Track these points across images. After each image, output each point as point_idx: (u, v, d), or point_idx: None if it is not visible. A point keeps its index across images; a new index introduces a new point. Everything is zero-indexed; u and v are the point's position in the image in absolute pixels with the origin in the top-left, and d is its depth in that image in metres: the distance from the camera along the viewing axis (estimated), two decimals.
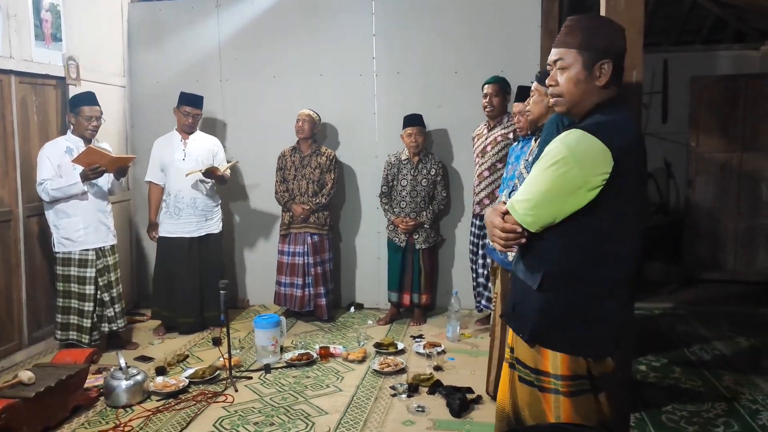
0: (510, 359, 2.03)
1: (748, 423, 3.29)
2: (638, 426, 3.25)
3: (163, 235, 4.85)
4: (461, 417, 3.42)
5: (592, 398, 1.85)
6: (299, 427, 3.33)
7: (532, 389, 1.91)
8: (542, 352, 1.87)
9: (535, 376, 1.89)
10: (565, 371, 1.83)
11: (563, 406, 1.84)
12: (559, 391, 1.84)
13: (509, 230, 1.84)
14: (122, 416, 3.49)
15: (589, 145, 1.72)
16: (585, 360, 1.82)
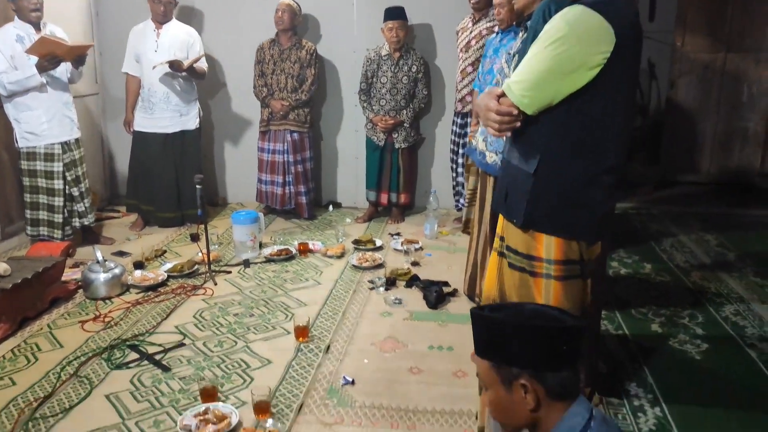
0: (499, 248, 2.04)
1: (713, 315, 3.43)
2: (608, 318, 3.36)
3: (137, 129, 4.71)
4: (437, 308, 3.50)
5: (581, 284, 1.90)
6: (279, 318, 3.39)
7: (523, 275, 1.94)
8: (536, 237, 1.89)
9: (528, 262, 1.92)
10: (559, 255, 1.86)
11: (554, 290, 1.89)
12: (551, 276, 1.88)
13: (504, 113, 1.79)
14: (102, 308, 3.51)
15: (591, 21, 1.65)
16: (578, 244, 1.86)
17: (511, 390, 1.25)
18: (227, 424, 2.40)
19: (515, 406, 1.25)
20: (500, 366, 1.26)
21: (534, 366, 1.23)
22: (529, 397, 1.23)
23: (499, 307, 1.38)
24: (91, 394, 2.68)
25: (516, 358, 1.25)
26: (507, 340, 1.25)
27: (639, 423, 2.47)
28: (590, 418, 1.23)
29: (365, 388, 2.73)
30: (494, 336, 1.27)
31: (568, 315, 1.32)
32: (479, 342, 1.32)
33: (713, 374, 2.84)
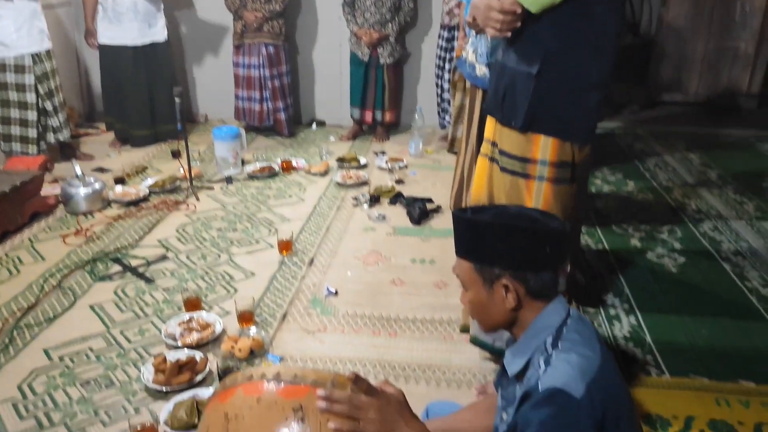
0: (490, 153, 2.05)
1: (691, 231, 3.48)
2: (588, 233, 3.40)
3: (104, 42, 4.51)
4: (420, 224, 3.51)
5: (569, 189, 1.95)
6: (262, 233, 3.39)
7: (514, 178, 1.96)
8: (533, 139, 1.91)
9: (521, 164, 1.94)
10: (554, 157, 1.89)
11: (544, 193, 1.93)
12: (543, 178, 1.92)
13: (508, 11, 1.77)
14: (83, 222, 3.49)
15: None
16: (571, 147, 1.89)
17: (492, 290, 1.26)
18: (211, 332, 2.43)
19: (495, 306, 1.27)
20: (482, 267, 1.26)
21: (516, 266, 1.23)
22: (509, 296, 1.24)
23: (482, 209, 1.36)
24: (75, 304, 2.70)
25: (498, 259, 1.25)
26: (489, 241, 1.25)
27: (614, 330, 2.54)
28: (567, 317, 1.25)
29: (348, 299, 2.77)
30: (477, 237, 1.27)
31: (552, 217, 1.31)
32: (461, 243, 1.31)
33: (688, 285, 2.91)
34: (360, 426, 1.15)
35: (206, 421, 1.25)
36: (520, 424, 1.13)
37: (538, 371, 1.16)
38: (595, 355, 1.18)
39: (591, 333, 1.25)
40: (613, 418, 1.14)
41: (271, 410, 1.16)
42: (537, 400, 1.11)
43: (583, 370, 1.13)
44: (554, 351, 1.18)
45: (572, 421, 1.08)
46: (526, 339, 1.24)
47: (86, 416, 2.05)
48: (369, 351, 2.41)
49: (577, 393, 1.09)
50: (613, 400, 1.15)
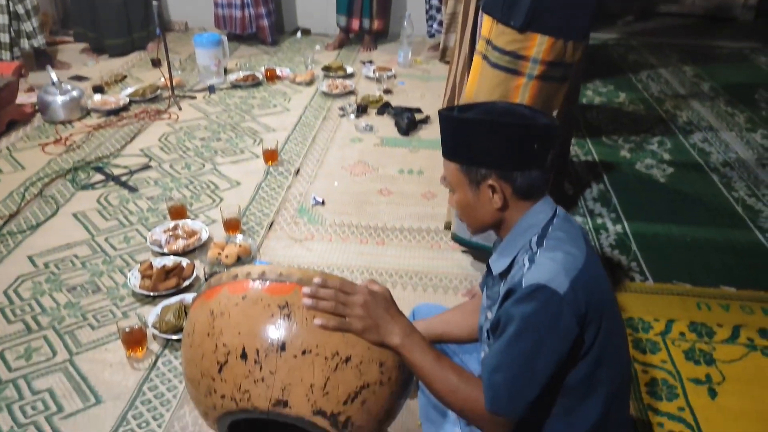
0: (484, 51, 2.02)
1: (681, 142, 3.45)
2: (578, 144, 3.36)
3: None
4: (408, 135, 3.45)
5: (557, 87, 1.95)
6: (247, 143, 3.32)
7: (504, 74, 1.95)
8: (529, 38, 1.89)
9: (514, 61, 1.92)
10: (547, 56, 1.89)
11: (531, 89, 1.93)
12: (533, 75, 1.91)
13: None
14: (62, 131, 3.39)
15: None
16: (565, 45, 1.88)
17: (479, 191, 1.22)
18: (197, 239, 2.41)
19: (482, 207, 1.24)
20: (468, 167, 1.22)
21: (503, 166, 1.20)
22: (496, 197, 1.21)
23: (469, 107, 1.31)
24: (57, 212, 2.66)
25: (485, 158, 1.20)
26: (476, 140, 1.20)
27: (600, 239, 2.56)
28: (554, 216, 1.23)
29: (335, 208, 2.75)
30: (463, 136, 1.22)
31: (541, 113, 1.26)
32: (447, 143, 1.27)
33: (675, 195, 2.91)
34: (346, 322, 1.15)
35: (192, 319, 1.24)
36: (503, 320, 1.13)
37: (522, 269, 1.15)
38: (581, 252, 1.17)
39: (577, 232, 1.23)
40: (596, 313, 1.14)
41: (257, 307, 1.15)
42: (520, 295, 1.10)
43: (568, 267, 1.12)
44: (539, 249, 1.17)
45: (555, 316, 1.08)
46: (512, 238, 1.23)
47: (74, 320, 2.05)
48: (357, 258, 2.42)
49: (560, 288, 1.08)
50: (596, 297, 1.15)
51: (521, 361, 1.09)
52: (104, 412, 1.71)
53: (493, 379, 1.11)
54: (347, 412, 1.16)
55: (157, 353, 1.91)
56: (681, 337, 2.03)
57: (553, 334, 1.08)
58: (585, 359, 1.16)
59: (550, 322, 1.08)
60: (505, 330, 1.11)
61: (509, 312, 1.11)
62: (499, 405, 1.11)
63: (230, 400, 1.16)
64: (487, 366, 1.13)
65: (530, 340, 1.08)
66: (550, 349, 1.09)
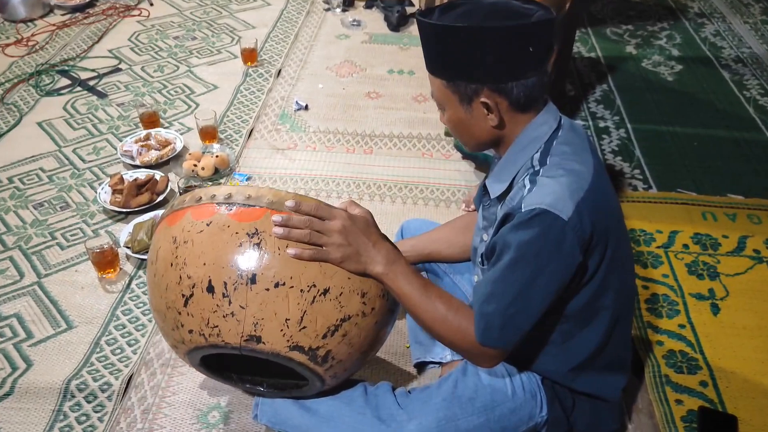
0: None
1: (691, 36, 3.21)
2: (581, 39, 3.13)
3: None
4: (399, 30, 3.21)
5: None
6: (224, 42, 3.08)
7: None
8: None
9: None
10: None
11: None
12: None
13: None
14: (23, 31, 3.12)
15: None
16: None
17: (471, 108, 1.06)
18: (171, 150, 2.25)
19: (477, 124, 1.08)
20: (456, 83, 1.05)
21: (495, 78, 1.03)
22: (491, 114, 1.05)
23: (450, 6, 1.09)
24: (21, 121, 2.47)
25: (473, 71, 1.03)
26: (461, 50, 1.02)
27: (602, 144, 2.40)
28: (558, 127, 1.08)
29: (320, 113, 2.56)
30: (446, 46, 1.03)
31: (535, 4, 1.06)
32: (430, 56, 1.08)
33: (683, 95, 2.72)
34: (323, 251, 1.03)
35: (155, 245, 1.13)
36: (499, 246, 1.01)
37: (522, 190, 1.02)
38: (587, 168, 1.02)
39: (583, 143, 1.09)
40: (601, 237, 1.02)
41: (223, 235, 1.03)
42: (519, 220, 0.97)
43: (573, 188, 0.98)
44: (542, 167, 1.02)
45: (556, 244, 0.96)
46: (511, 155, 1.08)
47: (42, 239, 1.93)
48: (342, 169, 2.26)
49: (564, 213, 0.95)
50: (603, 219, 1.02)
51: (516, 292, 0.98)
52: (76, 338, 1.62)
53: (485, 310, 1.01)
54: (327, 346, 1.08)
55: (131, 274, 1.81)
56: (684, 250, 1.93)
57: (553, 263, 0.97)
58: (587, 285, 1.06)
59: (550, 250, 0.96)
60: (501, 257, 0.99)
61: (506, 238, 0.98)
62: (490, 337, 1.02)
63: (198, 335, 1.07)
64: (479, 295, 1.03)
65: (527, 270, 0.97)
66: (549, 279, 0.98)
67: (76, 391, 1.48)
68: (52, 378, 1.51)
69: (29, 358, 1.57)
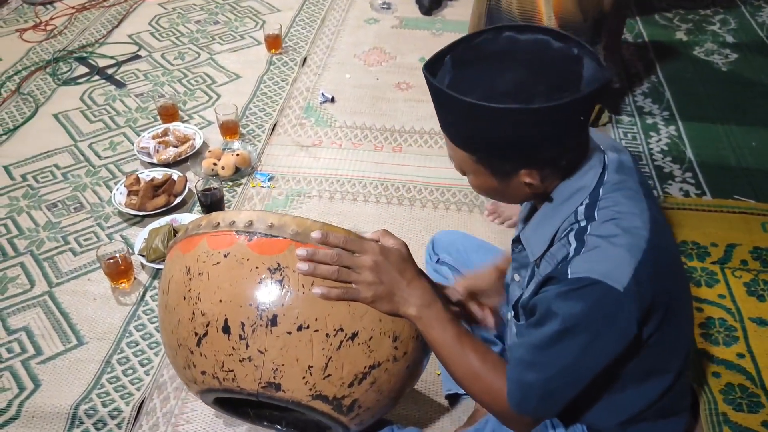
0: None
1: (747, 20, 2.98)
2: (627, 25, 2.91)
3: None
4: (431, 15, 3.03)
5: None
6: (248, 26, 2.94)
7: None
8: None
9: None
10: None
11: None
12: None
13: None
14: (42, 14, 3.02)
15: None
16: None
17: (507, 181, 0.89)
18: (190, 146, 2.14)
19: (513, 191, 0.92)
20: (489, 160, 0.88)
21: (536, 157, 0.86)
22: (529, 187, 0.89)
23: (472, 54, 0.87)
24: (37, 113, 2.38)
25: (509, 153, 0.86)
26: (492, 129, 0.83)
27: (650, 143, 2.22)
28: (603, 170, 0.91)
29: (346, 106, 2.42)
30: (476, 124, 0.84)
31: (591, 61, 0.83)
32: (448, 124, 0.88)
33: (739, 87, 2.52)
34: (352, 290, 0.91)
35: (167, 273, 1.03)
36: (541, 310, 0.87)
37: (566, 248, 0.87)
38: (642, 222, 0.86)
39: (634, 183, 0.91)
40: (661, 300, 0.87)
41: (242, 269, 0.93)
42: (566, 288, 0.83)
43: (629, 251, 0.83)
44: (589, 224, 0.87)
45: (609, 318, 0.82)
46: (551, 209, 0.92)
47: (54, 243, 1.84)
48: (370, 168, 2.13)
49: (619, 283, 0.81)
50: (663, 278, 0.87)
51: (561, 366, 0.86)
52: (86, 356, 1.53)
53: (524, 378, 0.88)
54: (353, 395, 0.97)
55: (146, 285, 1.71)
56: (743, 266, 1.76)
57: (604, 338, 0.84)
58: (642, 349, 0.92)
59: (602, 325, 0.83)
60: (543, 323, 0.86)
61: (550, 305, 0.84)
62: (527, 407, 0.90)
63: (212, 377, 0.98)
64: (517, 360, 0.90)
65: (575, 344, 0.84)
66: (599, 354, 0.85)
67: (85, 417, 1.39)
68: (60, 401, 1.43)
69: (37, 377, 1.49)
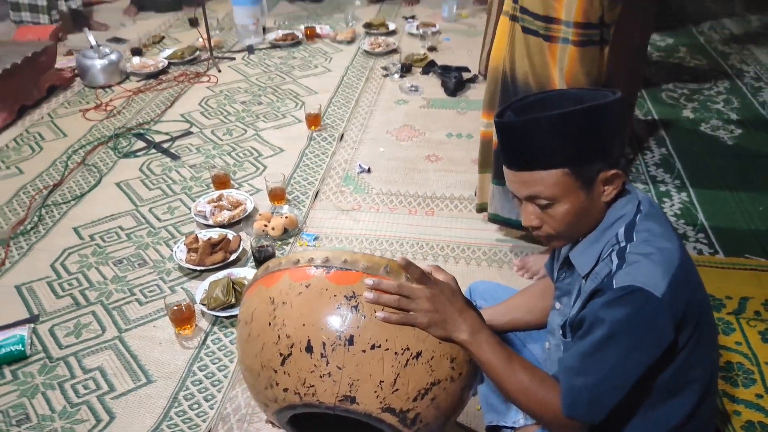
0: (512, 11, 1.85)
1: (749, 100, 3.22)
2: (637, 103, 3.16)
3: None
4: (456, 95, 3.31)
5: (597, 51, 1.76)
6: (288, 106, 3.22)
7: (537, 39, 1.78)
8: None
9: (544, 25, 1.75)
10: (579, 17, 1.69)
11: (570, 56, 1.74)
12: (568, 41, 1.73)
13: None
14: (102, 96, 3.34)
15: None
16: (600, 3, 1.68)
17: (591, 190, 1.07)
18: (242, 210, 2.35)
19: (595, 207, 1.09)
20: (580, 167, 1.06)
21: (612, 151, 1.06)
22: (608, 188, 1.08)
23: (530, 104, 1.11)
24: (101, 182, 2.62)
25: (595, 150, 1.05)
26: (580, 134, 1.04)
27: (665, 208, 2.40)
28: (639, 203, 1.10)
29: (382, 176, 2.64)
30: (569, 134, 1.04)
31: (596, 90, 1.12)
32: (545, 149, 1.06)
33: (744, 159, 2.71)
34: (411, 316, 1.06)
35: (249, 305, 1.17)
36: (589, 320, 1.03)
37: (609, 266, 1.04)
38: (674, 245, 1.04)
39: (665, 219, 1.11)
40: (693, 312, 1.03)
41: (322, 297, 1.08)
42: (611, 297, 0.99)
43: (665, 266, 1.00)
44: (629, 244, 1.05)
45: (650, 322, 0.98)
46: (598, 233, 1.10)
47: (122, 295, 2.02)
48: (405, 230, 2.32)
49: (657, 291, 0.97)
50: (693, 293, 1.04)
51: (608, 368, 1.00)
52: (155, 392, 1.68)
53: (574, 384, 1.02)
54: (417, 409, 1.10)
55: (206, 330, 1.87)
56: (756, 317, 1.89)
57: (646, 341, 0.98)
58: (676, 360, 1.06)
59: (644, 328, 0.98)
60: (591, 332, 1.01)
61: (598, 314, 1.00)
62: (578, 411, 1.02)
63: (293, 394, 1.10)
64: (567, 369, 1.04)
65: (621, 347, 0.98)
66: (641, 356, 0.99)
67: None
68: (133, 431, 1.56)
69: (112, 410, 1.63)
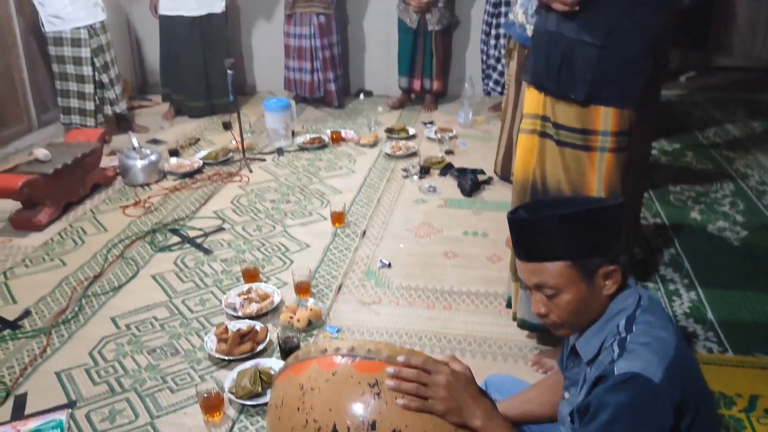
0: (540, 128, 1.98)
1: (754, 203, 3.36)
2: (646, 205, 3.30)
3: (163, 13, 4.57)
4: (472, 196, 3.49)
5: (625, 156, 1.92)
6: (315, 205, 3.42)
7: (575, 151, 1.91)
8: (593, 111, 1.85)
9: (582, 137, 1.89)
10: (615, 127, 1.85)
11: (607, 162, 1.89)
12: (606, 149, 1.88)
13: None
14: (141, 194, 3.58)
15: None
16: (629, 114, 1.85)
17: (592, 282, 1.20)
18: (270, 303, 2.48)
19: (596, 299, 1.22)
20: (582, 260, 1.19)
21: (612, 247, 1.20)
22: (609, 282, 1.20)
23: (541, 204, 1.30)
24: (138, 274, 2.79)
25: (597, 246, 1.19)
26: (583, 230, 1.19)
27: (674, 306, 2.50)
28: (639, 298, 1.23)
29: (402, 271, 2.78)
30: (573, 230, 1.19)
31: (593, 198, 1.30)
32: (550, 243, 1.20)
33: (751, 260, 2.82)
34: (428, 404, 1.16)
35: (280, 392, 1.27)
36: (593, 406, 1.13)
37: (611, 354, 1.15)
38: (670, 336, 1.16)
39: (664, 313, 1.23)
40: (691, 397, 1.12)
41: (347, 384, 1.18)
42: (613, 383, 1.10)
43: (662, 353, 1.11)
44: (628, 335, 1.16)
45: (650, 406, 1.07)
46: (601, 324, 1.23)
47: (155, 383, 2.13)
48: (424, 323, 2.43)
49: (655, 377, 1.08)
50: (690, 379, 1.14)
51: None
52: None
53: None
54: None
55: (234, 418, 1.96)
56: (767, 415, 1.94)
57: (647, 424, 1.08)
58: None
59: (644, 412, 1.07)
60: (597, 416, 1.11)
61: (602, 399, 1.10)
62: None
63: None
64: None
65: (625, 428, 1.08)
66: None
67: None
68: None
69: None
